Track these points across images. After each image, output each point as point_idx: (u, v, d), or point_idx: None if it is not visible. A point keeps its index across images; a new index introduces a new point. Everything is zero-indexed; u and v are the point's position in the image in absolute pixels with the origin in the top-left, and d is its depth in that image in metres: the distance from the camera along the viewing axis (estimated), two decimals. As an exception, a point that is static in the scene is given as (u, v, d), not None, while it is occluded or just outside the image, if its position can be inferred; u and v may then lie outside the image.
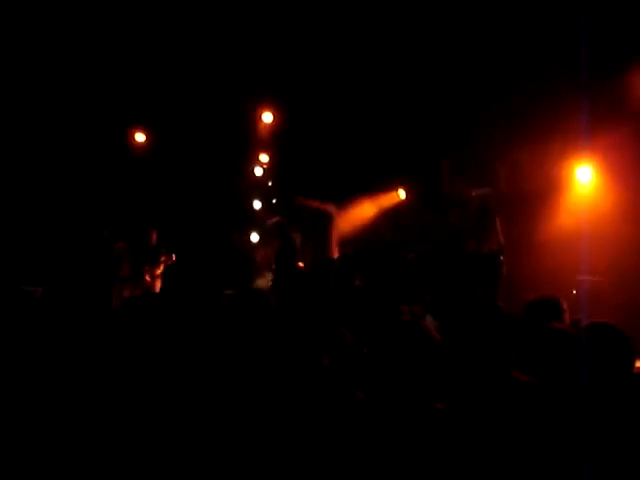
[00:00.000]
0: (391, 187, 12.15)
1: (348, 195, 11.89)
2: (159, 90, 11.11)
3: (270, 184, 12.74)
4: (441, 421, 3.04)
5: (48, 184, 11.05)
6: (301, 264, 9.90)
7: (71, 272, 9.35)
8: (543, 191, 9.93)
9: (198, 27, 10.33)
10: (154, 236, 10.04)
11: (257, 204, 12.82)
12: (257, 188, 12.82)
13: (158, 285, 9.56)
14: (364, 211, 12.11)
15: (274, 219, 10.60)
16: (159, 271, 9.77)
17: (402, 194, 12.07)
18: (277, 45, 10.46)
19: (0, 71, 10.14)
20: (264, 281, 10.78)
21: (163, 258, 9.82)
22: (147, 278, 9.72)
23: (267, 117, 12.01)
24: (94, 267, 9.40)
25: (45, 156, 10.96)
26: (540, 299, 4.82)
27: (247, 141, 12.20)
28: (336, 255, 10.52)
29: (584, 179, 9.54)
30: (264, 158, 12.61)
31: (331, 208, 11.86)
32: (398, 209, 12.12)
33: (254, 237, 12.57)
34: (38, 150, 10.90)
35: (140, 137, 12.06)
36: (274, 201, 12.69)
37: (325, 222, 11.84)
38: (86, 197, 11.27)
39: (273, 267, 10.08)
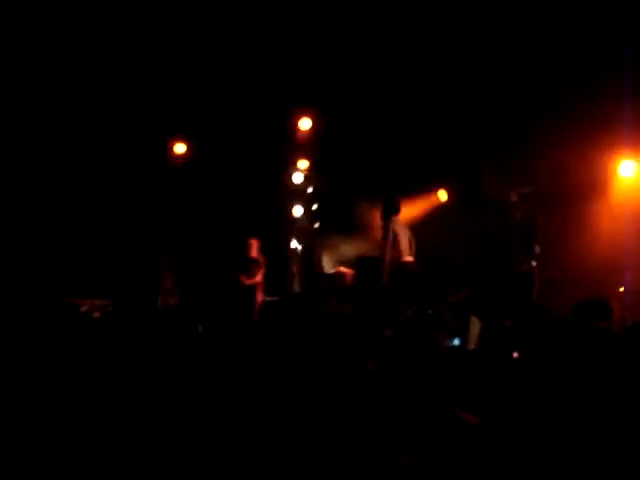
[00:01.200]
0: (431, 189, 12.07)
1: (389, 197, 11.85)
2: (198, 100, 11.21)
3: (310, 190, 12.75)
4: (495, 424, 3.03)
5: (92, 196, 11.20)
6: None
7: (116, 284, 9.50)
8: (586, 188, 9.80)
9: (235, 37, 10.41)
10: (254, 246, 10.04)
11: (298, 210, 12.82)
12: (297, 195, 12.83)
13: (260, 295, 9.54)
14: (405, 212, 12.06)
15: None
16: (257, 280, 9.73)
17: (443, 195, 11.99)
18: (314, 50, 10.49)
19: (42, 81, 10.33)
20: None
21: (259, 269, 9.79)
22: (243, 286, 9.66)
23: (305, 123, 12.03)
24: (136, 279, 9.52)
25: (90, 168, 11.11)
26: (588, 299, 4.77)
27: (285, 148, 12.23)
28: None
29: (627, 175, 9.41)
30: (303, 164, 12.62)
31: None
32: (438, 211, 12.04)
33: (294, 244, 12.59)
34: (83, 162, 11.05)
35: (180, 148, 12.17)
36: (314, 207, 12.69)
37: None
38: (128, 208, 11.41)
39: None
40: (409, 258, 9.40)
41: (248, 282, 9.56)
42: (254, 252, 9.96)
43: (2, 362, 4.17)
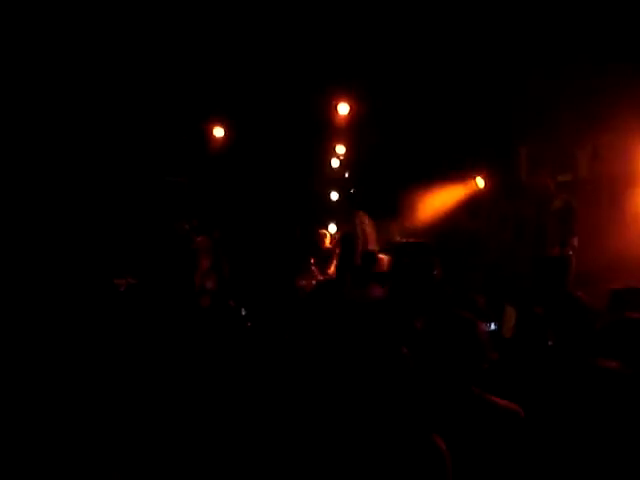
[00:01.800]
0: (469, 175, 12.05)
1: (425, 183, 11.85)
2: (237, 84, 11.28)
3: (347, 175, 12.79)
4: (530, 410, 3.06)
5: (131, 180, 11.36)
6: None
7: (152, 265, 9.61)
8: (625, 176, 9.71)
9: (272, 21, 10.44)
10: (327, 238, 10.22)
11: (334, 195, 12.88)
12: (334, 179, 12.88)
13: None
14: (442, 199, 12.05)
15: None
16: (331, 270, 9.92)
17: (480, 182, 11.96)
18: (352, 35, 10.49)
19: (81, 70, 10.48)
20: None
21: (333, 260, 9.98)
22: (318, 277, 9.84)
23: (343, 108, 12.05)
24: (173, 260, 9.64)
25: (130, 152, 11.26)
26: (624, 289, 4.76)
27: (323, 133, 12.27)
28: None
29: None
30: (340, 149, 12.66)
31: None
32: (476, 198, 12.01)
33: (332, 228, 12.64)
34: (124, 147, 11.20)
35: (219, 132, 12.28)
36: (352, 191, 12.74)
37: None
38: (167, 191, 11.55)
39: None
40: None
41: (321, 276, 9.72)
42: (327, 243, 10.14)
43: (55, 342, 4.29)
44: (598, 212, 9.70)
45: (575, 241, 8.69)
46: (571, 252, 8.64)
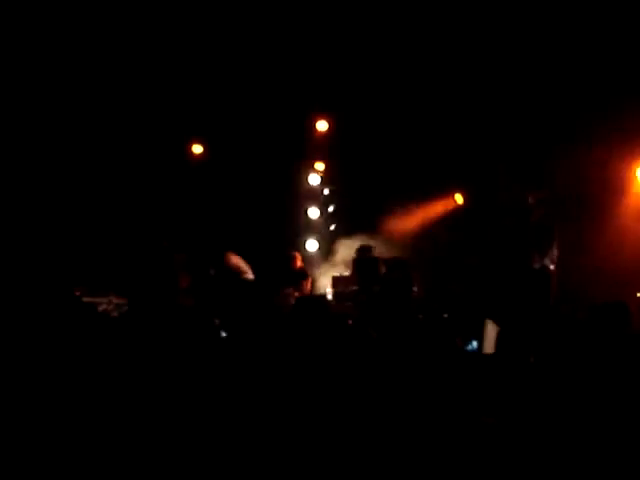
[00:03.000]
0: (447, 192, 12.06)
1: (405, 199, 11.85)
2: (215, 101, 11.26)
3: (327, 192, 12.76)
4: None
5: (109, 194, 11.27)
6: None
7: (131, 283, 9.49)
8: (603, 193, 9.77)
9: (253, 39, 10.45)
10: (298, 259, 10.14)
11: (314, 212, 12.84)
12: (313, 196, 12.85)
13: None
14: (421, 215, 12.04)
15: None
16: (307, 290, 9.81)
17: (459, 199, 11.98)
18: (331, 53, 10.52)
19: (58, 81, 10.41)
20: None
21: (305, 281, 9.87)
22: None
23: (322, 125, 12.07)
24: (152, 278, 9.52)
25: (108, 167, 11.17)
26: (606, 303, 4.74)
27: (302, 150, 12.26)
28: None
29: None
30: (320, 166, 12.64)
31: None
32: (454, 214, 12.02)
33: (311, 245, 12.59)
34: (101, 161, 11.12)
35: (198, 148, 12.23)
36: (330, 209, 12.71)
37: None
38: (145, 207, 11.46)
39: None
40: None
41: (298, 294, 9.62)
42: (299, 263, 10.07)
43: (14, 363, 4.19)
44: (576, 228, 9.73)
45: (555, 255, 8.71)
46: (552, 266, 8.65)
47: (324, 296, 9.30)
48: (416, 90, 10.75)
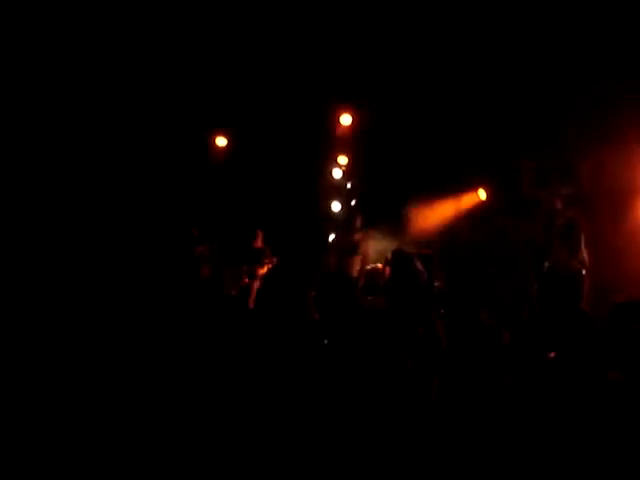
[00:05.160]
0: (471, 187, 12.03)
1: (428, 194, 11.84)
2: (239, 94, 11.29)
3: (349, 186, 12.78)
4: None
5: (134, 187, 11.33)
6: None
7: (153, 273, 9.54)
8: (627, 191, 9.70)
9: (276, 30, 10.46)
10: (260, 238, 10.07)
11: (336, 206, 12.87)
12: (336, 190, 12.88)
13: (256, 286, 9.51)
14: (442, 211, 12.03)
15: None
16: (261, 272, 9.69)
17: (482, 194, 11.94)
18: (355, 47, 10.51)
19: (82, 75, 10.47)
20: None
21: (266, 260, 9.75)
22: (245, 279, 9.65)
23: (346, 119, 12.06)
24: (175, 269, 9.56)
25: (132, 159, 11.22)
26: (627, 302, 4.73)
27: (325, 143, 12.27)
28: None
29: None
30: (342, 160, 12.66)
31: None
32: (477, 210, 11.99)
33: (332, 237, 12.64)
34: (127, 153, 11.17)
35: (222, 141, 12.28)
36: (353, 202, 12.73)
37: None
38: (172, 199, 11.52)
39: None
40: None
41: (261, 272, 9.52)
42: (259, 243, 9.97)
43: None
44: (601, 225, 9.67)
45: (585, 257, 8.62)
46: (579, 267, 8.56)
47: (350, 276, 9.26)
48: (440, 85, 10.72)
